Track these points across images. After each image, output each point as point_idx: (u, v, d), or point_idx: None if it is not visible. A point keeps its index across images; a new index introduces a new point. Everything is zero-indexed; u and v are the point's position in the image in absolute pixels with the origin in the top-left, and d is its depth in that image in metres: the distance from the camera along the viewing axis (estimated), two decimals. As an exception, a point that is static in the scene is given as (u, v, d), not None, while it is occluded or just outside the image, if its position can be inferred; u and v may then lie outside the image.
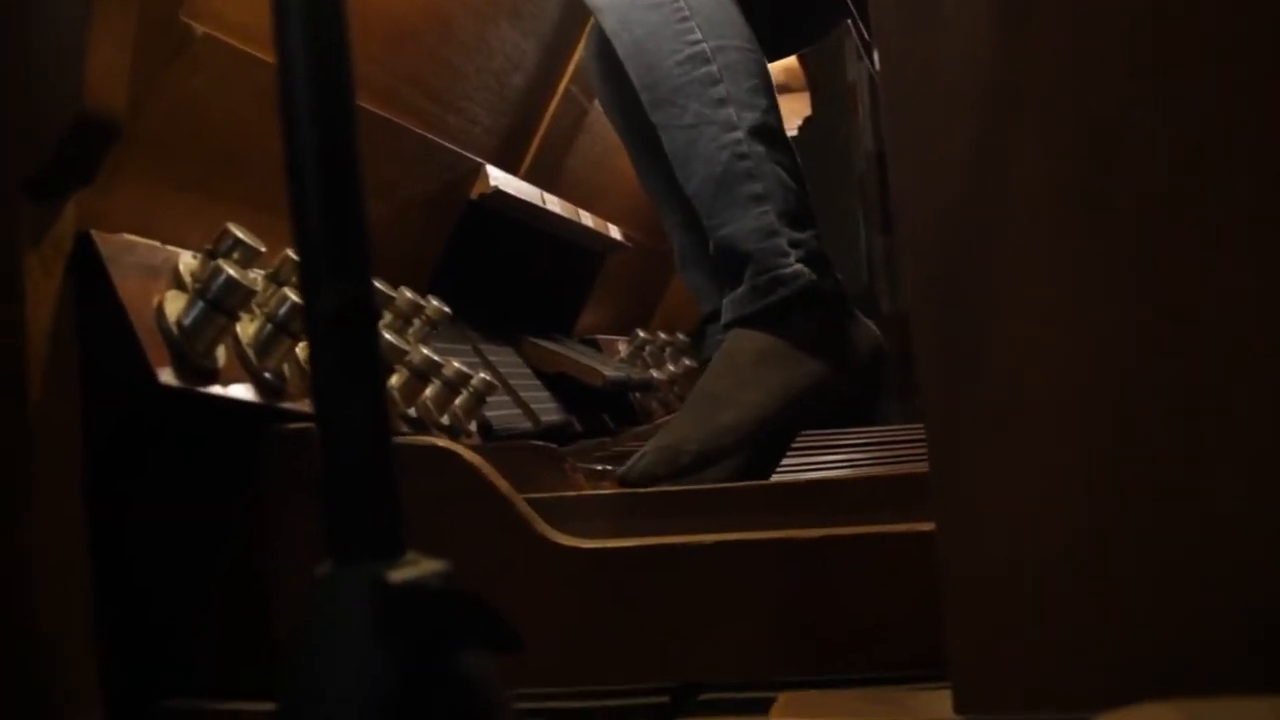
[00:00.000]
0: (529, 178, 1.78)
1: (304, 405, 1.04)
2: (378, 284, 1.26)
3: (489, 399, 1.48)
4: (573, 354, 1.93)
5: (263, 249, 0.98)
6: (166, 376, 0.85)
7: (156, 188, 1.02)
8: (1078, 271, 0.71)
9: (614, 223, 2.11)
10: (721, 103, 1.26)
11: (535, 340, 1.90)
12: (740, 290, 1.24)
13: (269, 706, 0.48)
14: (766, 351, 1.22)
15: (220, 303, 0.88)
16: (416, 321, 1.41)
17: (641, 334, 2.27)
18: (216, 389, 0.90)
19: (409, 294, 1.35)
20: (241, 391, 0.95)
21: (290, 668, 0.42)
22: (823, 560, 0.91)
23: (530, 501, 0.98)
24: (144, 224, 0.96)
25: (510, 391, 1.70)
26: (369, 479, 0.43)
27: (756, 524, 0.97)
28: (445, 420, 1.38)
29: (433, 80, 1.46)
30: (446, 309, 1.47)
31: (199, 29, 1.00)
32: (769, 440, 1.23)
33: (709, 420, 1.19)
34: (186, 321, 0.88)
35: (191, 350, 0.88)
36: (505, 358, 1.80)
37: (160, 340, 0.86)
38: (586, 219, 1.95)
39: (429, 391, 1.34)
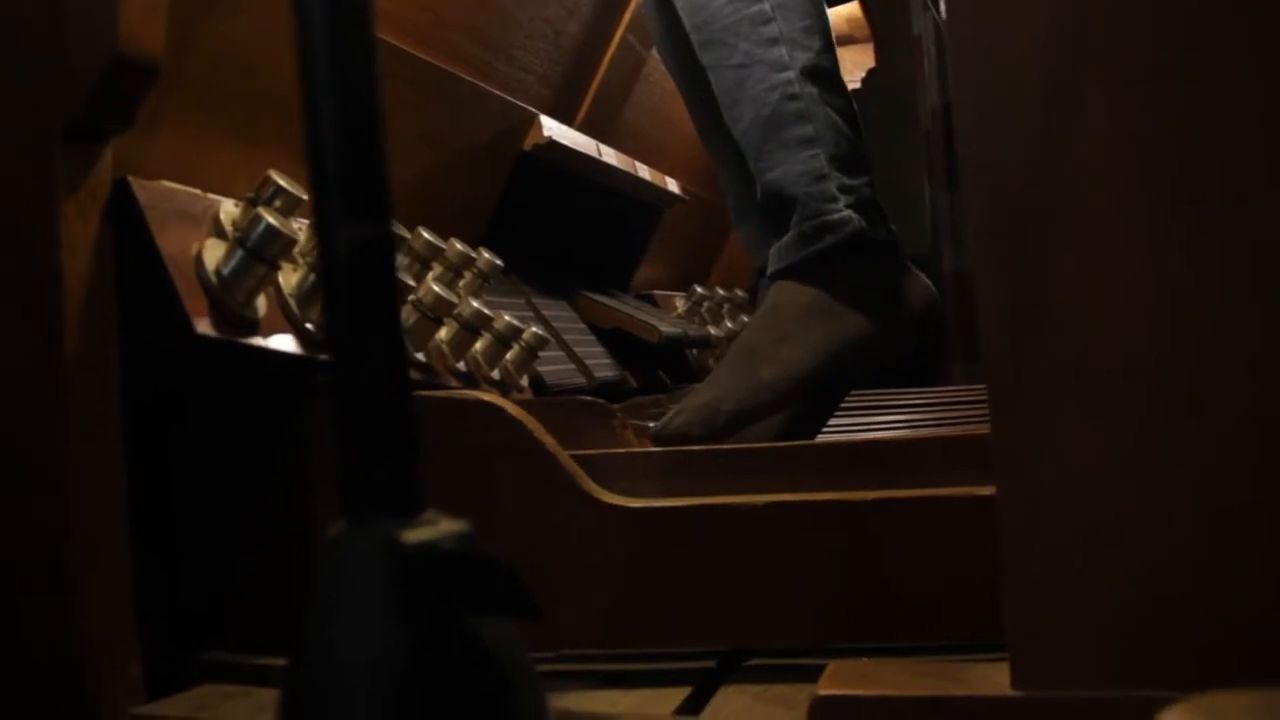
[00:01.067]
0: (584, 129, 1.75)
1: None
2: (427, 235, 1.24)
3: (541, 353, 1.45)
4: (628, 309, 1.90)
5: (305, 196, 0.96)
6: (204, 327, 0.83)
7: (198, 134, 1.00)
8: (1152, 229, 0.66)
9: (672, 176, 2.07)
10: (773, 42, 1.22)
11: (590, 295, 1.87)
12: (787, 238, 1.20)
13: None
14: (811, 304, 1.16)
15: (260, 251, 0.86)
16: (468, 274, 1.38)
17: (699, 290, 2.24)
18: (257, 340, 0.88)
19: (459, 246, 1.33)
20: (283, 343, 0.93)
21: (301, 629, 0.39)
22: (879, 524, 0.88)
23: (577, 458, 0.95)
24: (185, 171, 0.94)
25: (564, 346, 1.67)
26: (384, 432, 0.40)
27: (809, 485, 0.93)
28: (496, 374, 1.36)
29: (485, 27, 1.43)
30: (499, 262, 1.44)
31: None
32: (814, 397, 1.19)
33: (746, 377, 1.15)
34: (226, 271, 0.86)
35: (231, 300, 0.86)
36: (559, 312, 1.77)
37: (199, 289, 0.84)
38: (644, 172, 1.92)
39: (479, 345, 1.32)
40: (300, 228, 1.04)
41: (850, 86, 2.84)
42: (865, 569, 0.88)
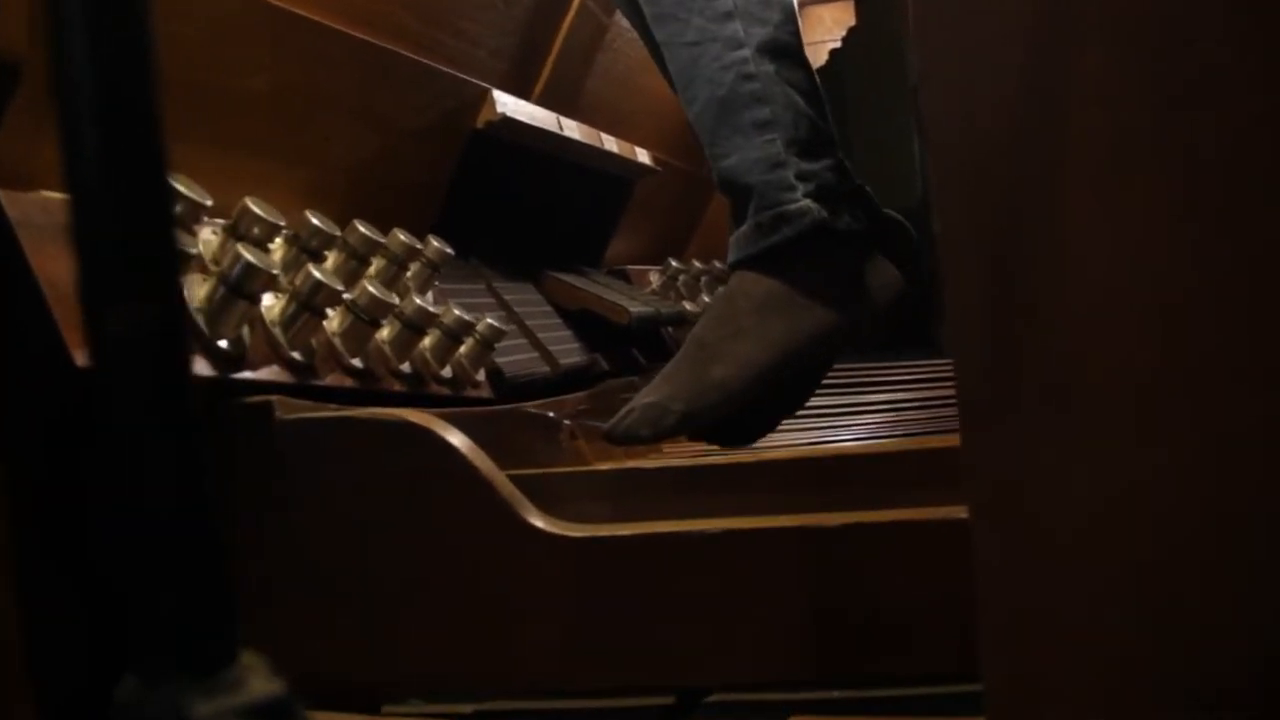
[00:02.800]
0: (544, 102, 1.65)
1: (265, 373, 0.94)
2: (363, 229, 1.15)
3: (501, 344, 1.37)
4: (597, 289, 1.81)
5: (208, 202, 0.87)
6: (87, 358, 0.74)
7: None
8: (1149, 227, 0.58)
9: (643, 146, 1.98)
10: (727, 17, 1.12)
11: (557, 275, 1.78)
12: (744, 228, 1.11)
13: None
14: (768, 297, 1.09)
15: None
16: (415, 265, 1.29)
17: (674, 264, 2.15)
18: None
19: (402, 237, 1.24)
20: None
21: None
22: (845, 551, 0.80)
23: (520, 479, 0.87)
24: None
25: (527, 333, 1.59)
26: (180, 568, 0.32)
27: (770, 506, 0.85)
28: (447, 372, 1.27)
29: (426, 0, 1.33)
30: (449, 250, 1.35)
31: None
32: (772, 392, 1.10)
33: (698, 375, 1.07)
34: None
35: (121, 323, 0.77)
36: (523, 295, 1.68)
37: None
38: (610, 144, 1.82)
39: (427, 342, 1.23)
40: (211, 240, 0.95)
41: (830, 44, 2.74)
42: (832, 599, 0.80)
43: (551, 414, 0.95)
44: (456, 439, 0.85)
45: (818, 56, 2.50)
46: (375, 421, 0.86)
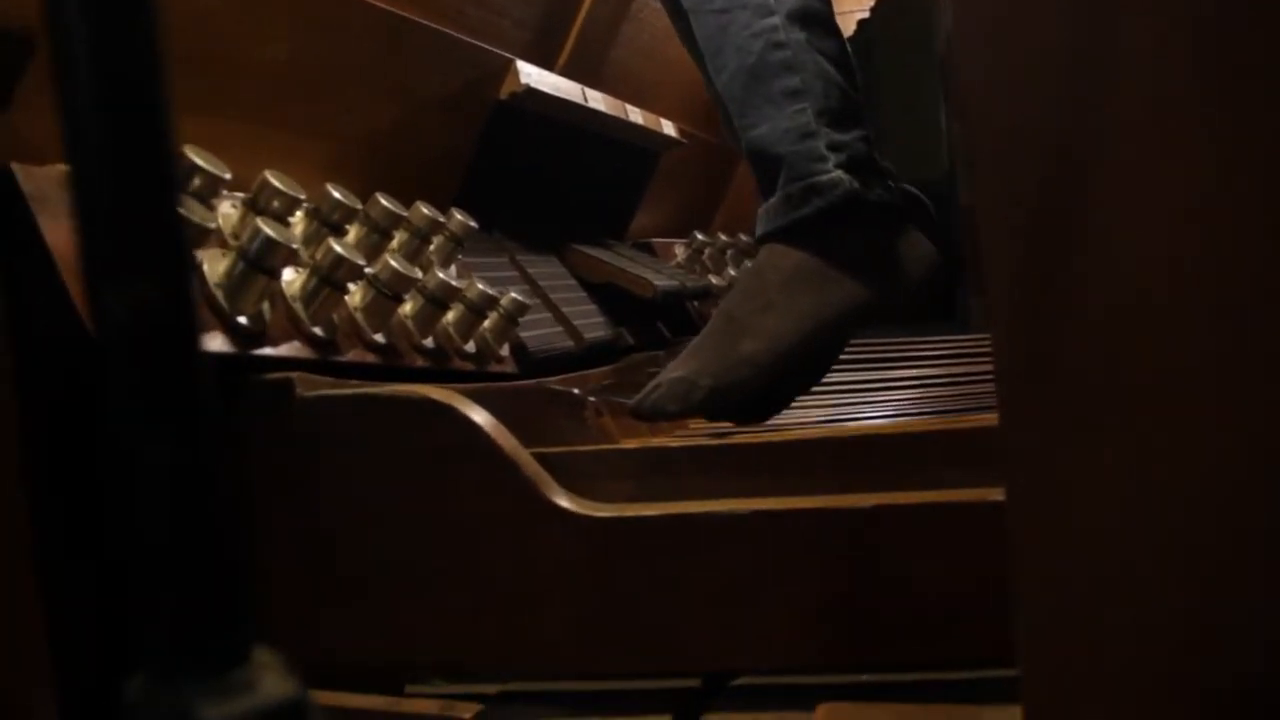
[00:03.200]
0: (568, 72, 1.62)
1: (286, 349, 0.92)
2: (385, 202, 1.13)
3: (525, 318, 1.35)
4: (622, 262, 1.79)
5: (226, 175, 0.85)
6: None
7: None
8: (1206, 203, 0.55)
9: (668, 118, 1.95)
10: None
11: (581, 248, 1.76)
12: (773, 199, 1.09)
13: None
14: (798, 270, 1.06)
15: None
16: (438, 239, 1.28)
17: (700, 236, 2.12)
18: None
19: (425, 210, 1.22)
20: (210, 343, 0.83)
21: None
22: (876, 533, 0.78)
23: (543, 457, 0.86)
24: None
25: (551, 306, 1.57)
26: (186, 564, 0.31)
27: (799, 486, 0.83)
28: (470, 347, 1.26)
29: (448, -31, 1.31)
30: (472, 223, 1.33)
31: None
32: (801, 366, 1.09)
33: (726, 350, 1.05)
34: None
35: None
36: (547, 269, 1.66)
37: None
38: (635, 115, 1.79)
39: (451, 316, 1.22)
40: (231, 214, 0.93)
41: (859, 14, 2.70)
42: (862, 583, 0.78)
43: (576, 390, 0.93)
44: (480, 416, 0.84)
45: (845, 27, 2.46)
46: (397, 398, 0.84)
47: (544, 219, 1.72)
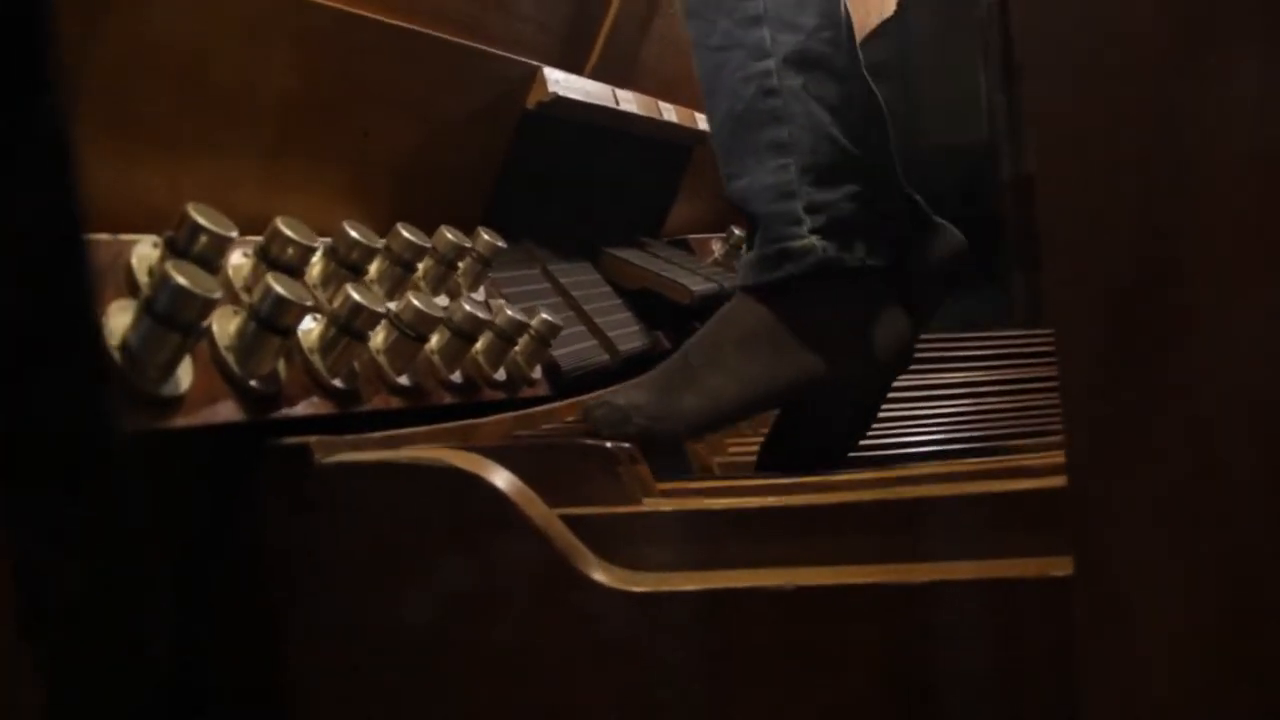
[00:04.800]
0: (598, 75, 1.57)
1: (304, 407, 0.88)
2: (406, 233, 1.09)
3: (560, 334, 1.30)
4: (657, 265, 1.73)
5: (233, 233, 0.80)
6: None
7: (116, 155, 0.85)
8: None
9: (701, 110, 1.88)
10: (755, 22, 1.03)
11: (615, 253, 1.71)
12: (750, 255, 1.05)
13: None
14: (756, 332, 1.03)
15: (173, 317, 0.71)
16: (465, 261, 1.23)
17: (737, 231, 2.06)
18: (180, 420, 0.74)
19: (450, 235, 1.17)
20: (221, 411, 0.79)
21: None
22: (928, 610, 0.73)
23: (575, 521, 0.81)
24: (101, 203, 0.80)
25: (585, 320, 1.52)
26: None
27: (851, 552, 0.78)
28: (501, 375, 1.21)
29: (468, -20, 1.25)
30: (500, 243, 1.29)
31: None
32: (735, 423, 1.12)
33: (670, 397, 1.03)
34: (134, 341, 0.72)
35: (142, 378, 0.72)
36: (581, 277, 1.61)
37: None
38: (669, 113, 1.73)
39: (480, 344, 1.17)
40: (243, 263, 0.89)
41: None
42: (914, 661, 0.73)
43: (609, 445, 0.88)
44: (507, 483, 0.79)
45: (886, 6, 2.37)
46: (419, 467, 0.80)
47: (576, 224, 1.67)
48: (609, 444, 0.89)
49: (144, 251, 0.78)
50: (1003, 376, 1.57)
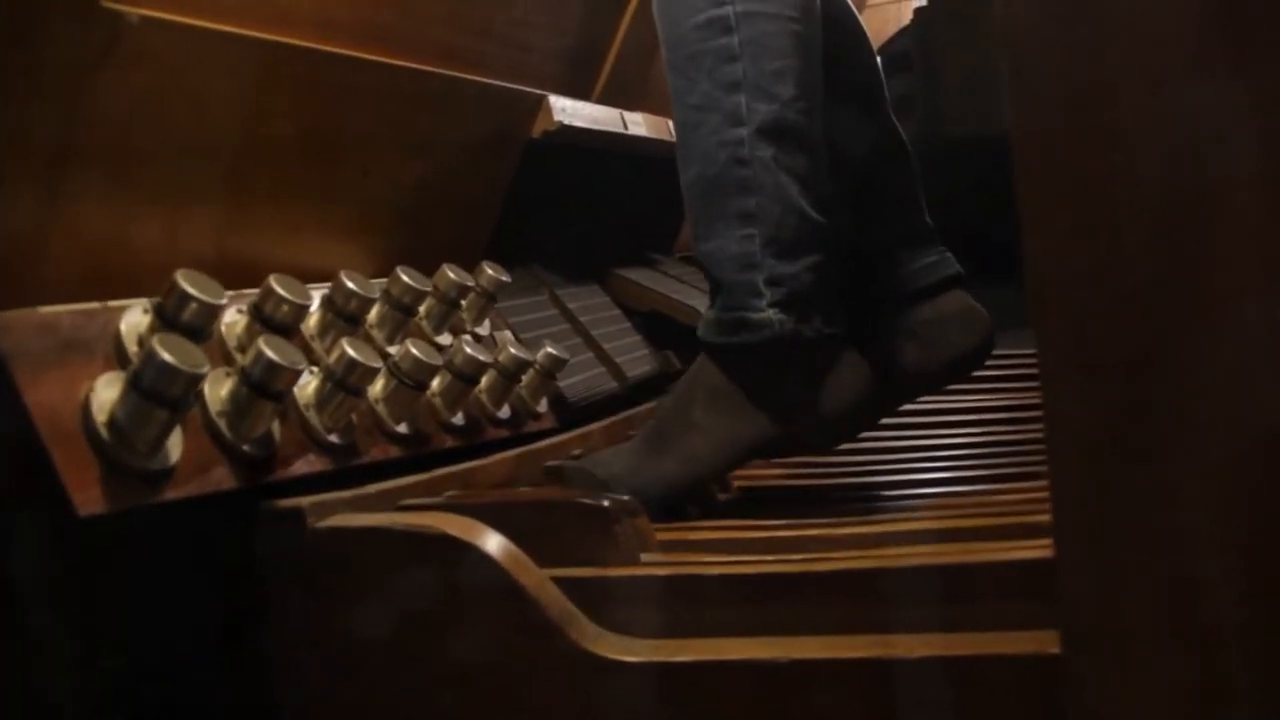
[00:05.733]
0: (606, 99, 1.55)
1: (301, 465, 0.88)
2: (406, 278, 1.08)
3: (567, 362, 1.30)
4: (667, 286, 1.72)
5: (222, 300, 0.80)
6: (90, 504, 0.68)
7: (113, 211, 0.85)
8: None
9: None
10: (734, 87, 1.03)
11: (624, 274, 1.70)
12: (711, 314, 1.07)
13: None
14: (719, 392, 1.06)
15: (159, 393, 0.71)
16: (466, 300, 1.22)
17: (750, 246, 2.04)
18: (170, 494, 0.74)
19: (451, 274, 1.17)
20: (212, 478, 0.78)
21: None
22: (930, 686, 0.72)
23: (570, 583, 0.81)
24: (90, 274, 0.80)
25: (593, 346, 1.51)
26: None
27: (849, 621, 0.77)
28: (505, 412, 1.20)
29: (467, 13, 1.24)
30: (504, 276, 1.28)
31: (133, 15, 0.80)
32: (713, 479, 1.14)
33: (649, 465, 1.06)
34: (122, 417, 0.71)
35: (130, 454, 0.71)
36: (589, 300, 1.60)
37: (85, 452, 0.69)
38: (678, 131, 1.71)
39: (484, 383, 1.16)
40: (237, 320, 0.88)
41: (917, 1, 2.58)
42: (911, 736, 0.72)
43: (606, 503, 0.87)
44: (498, 549, 0.79)
45: (904, 15, 2.35)
46: (412, 534, 0.79)
47: (584, 246, 1.66)
48: (606, 501, 0.88)
49: (133, 319, 0.78)
50: (1013, 401, 1.55)
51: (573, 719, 0.77)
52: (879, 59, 1.29)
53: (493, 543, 0.79)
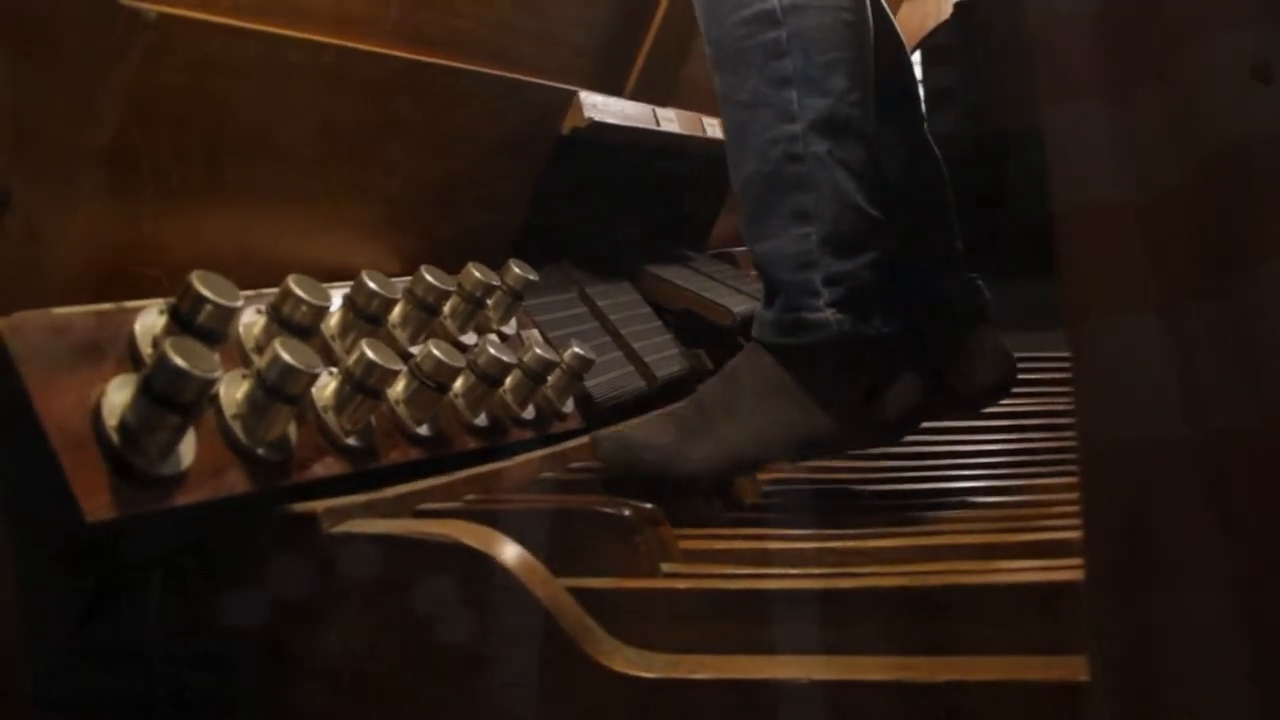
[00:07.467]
0: (638, 94, 1.53)
1: (319, 468, 0.86)
2: (430, 277, 1.07)
3: (596, 360, 1.28)
4: (698, 284, 1.70)
5: (238, 303, 0.79)
6: (100, 509, 0.67)
7: (137, 210, 0.84)
8: None
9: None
10: (784, 82, 1.01)
11: (656, 271, 1.68)
12: (768, 314, 1.05)
13: None
14: (772, 384, 1.04)
15: (170, 397, 0.70)
16: (492, 299, 1.21)
17: (784, 243, 2.01)
18: (181, 499, 0.73)
19: (477, 273, 1.15)
20: (228, 482, 0.77)
21: None
22: (950, 709, 0.69)
23: (588, 595, 0.79)
24: (105, 276, 0.79)
25: (622, 344, 1.49)
26: None
27: (872, 641, 0.75)
28: (530, 413, 1.19)
29: (496, 10, 1.22)
30: (531, 275, 1.26)
31: (150, 11, 0.79)
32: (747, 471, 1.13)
33: (682, 443, 1.04)
34: (132, 420, 0.70)
35: (141, 458, 0.70)
36: (619, 298, 1.58)
37: (95, 457, 0.68)
38: (712, 128, 1.70)
39: (509, 383, 1.15)
40: (255, 320, 0.87)
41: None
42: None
43: (627, 512, 0.86)
44: (514, 559, 0.77)
45: (943, 10, 2.31)
46: (423, 543, 0.78)
47: (615, 242, 1.64)
48: (626, 510, 0.86)
49: (149, 321, 0.77)
50: (1048, 407, 1.52)
51: (587, 733, 0.75)
52: (919, 52, 1.27)
53: (509, 553, 0.77)
